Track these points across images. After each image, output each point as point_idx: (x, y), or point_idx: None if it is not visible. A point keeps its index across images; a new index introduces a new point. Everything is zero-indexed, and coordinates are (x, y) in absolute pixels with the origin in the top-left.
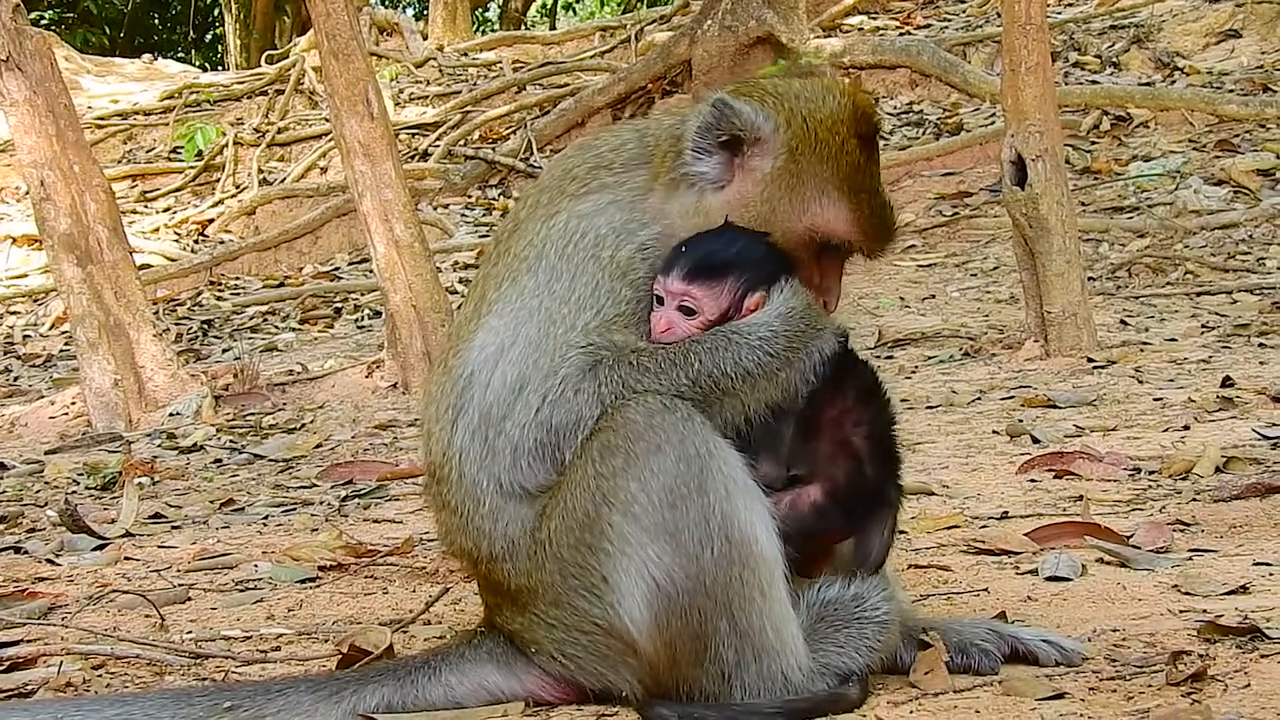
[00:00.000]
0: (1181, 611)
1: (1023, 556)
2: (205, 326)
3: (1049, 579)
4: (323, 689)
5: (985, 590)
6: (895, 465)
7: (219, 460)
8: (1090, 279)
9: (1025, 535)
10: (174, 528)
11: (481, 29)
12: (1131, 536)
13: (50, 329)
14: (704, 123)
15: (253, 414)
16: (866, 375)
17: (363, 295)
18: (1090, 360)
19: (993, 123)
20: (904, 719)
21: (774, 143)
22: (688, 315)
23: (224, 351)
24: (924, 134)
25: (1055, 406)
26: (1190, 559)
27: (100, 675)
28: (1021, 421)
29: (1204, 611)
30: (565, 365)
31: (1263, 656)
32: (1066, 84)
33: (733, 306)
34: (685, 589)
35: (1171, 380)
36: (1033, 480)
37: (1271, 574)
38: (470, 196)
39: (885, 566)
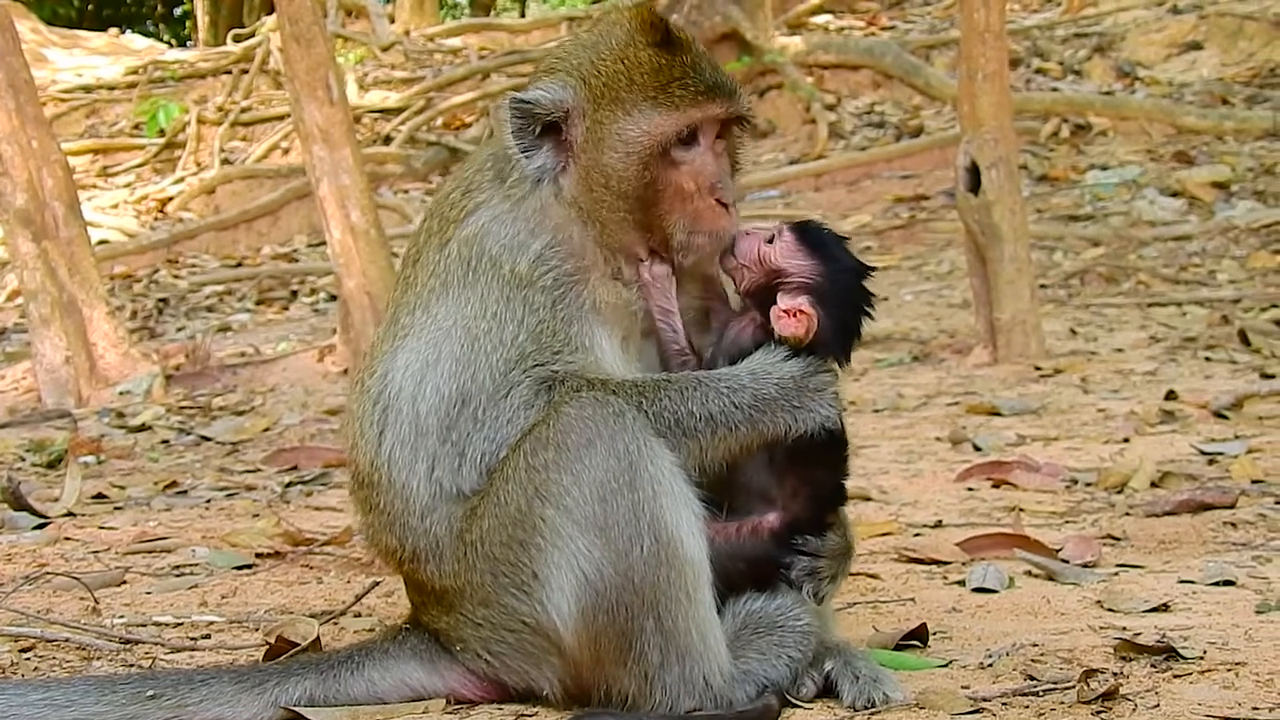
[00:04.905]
0: (1101, 628)
1: (952, 567)
2: (161, 304)
3: (976, 590)
4: (246, 680)
5: (912, 600)
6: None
7: (166, 441)
8: (1043, 286)
9: (956, 545)
10: (116, 508)
11: (450, 14)
12: (1061, 549)
13: (5, 302)
14: (513, 128)
15: (203, 395)
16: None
17: (320, 278)
18: (1037, 369)
19: (953, 127)
20: None
21: (580, 103)
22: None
23: (178, 330)
24: (884, 135)
25: (999, 414)
26: (1116, 574)
27: (28, 658)
28: (964, 428)
29: (1123, 629)
30: (520, 389)
31: (1175, 676)
32: (1028, 90)
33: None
34: (613, 584)
35: (1116, 391)
36: (970, 489)
37: (1194, 593)
38: (431, 183)
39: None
